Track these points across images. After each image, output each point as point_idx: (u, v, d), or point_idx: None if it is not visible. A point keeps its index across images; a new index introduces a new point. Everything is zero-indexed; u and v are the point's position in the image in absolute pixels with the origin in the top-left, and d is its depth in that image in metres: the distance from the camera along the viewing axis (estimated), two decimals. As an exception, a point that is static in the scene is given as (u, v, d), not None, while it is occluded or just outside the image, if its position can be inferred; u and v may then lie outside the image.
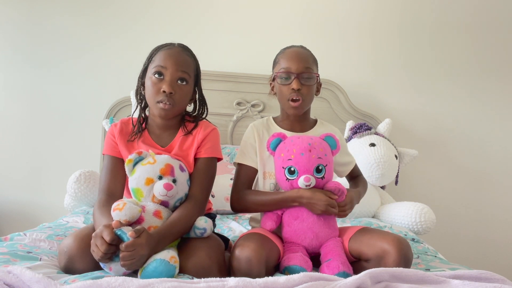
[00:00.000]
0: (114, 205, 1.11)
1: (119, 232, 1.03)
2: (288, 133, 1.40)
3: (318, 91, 1.46)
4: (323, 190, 1.26)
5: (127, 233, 1.02)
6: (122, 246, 1.01)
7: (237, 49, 2.63)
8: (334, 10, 2.67)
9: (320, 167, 1.25)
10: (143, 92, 1.36)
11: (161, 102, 1.26)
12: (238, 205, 1.38)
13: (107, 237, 1.01)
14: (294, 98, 1.35)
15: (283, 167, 1.28)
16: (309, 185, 1.24)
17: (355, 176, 1.54)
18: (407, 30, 2.70)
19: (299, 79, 1.35)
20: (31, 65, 2.57)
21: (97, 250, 1.02)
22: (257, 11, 2.64)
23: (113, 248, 1.02)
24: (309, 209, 1.25)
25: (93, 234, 1.05)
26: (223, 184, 2.02)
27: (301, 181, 1.24)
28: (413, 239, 1.71)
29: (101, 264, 1.06)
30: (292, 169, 1.26)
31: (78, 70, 2.58)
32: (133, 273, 1.09)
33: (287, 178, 1.28)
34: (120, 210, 1.09)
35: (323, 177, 1.26)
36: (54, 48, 2.57)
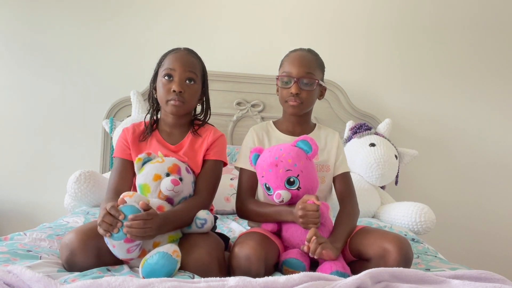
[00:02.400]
0: (124, 193, 1.15)
1: (126, 206, 1.07)
2: (288, 137, 1.41)
3: (321, 95, 1.45)
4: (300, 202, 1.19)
5: (137, 205, 1.08)
6: (142, 215, 1.06)
7: (237, 49, 2.63)
8: (333, 10, 2.67)
9: (291, 179, 1.20)
10: (155, 95, 1.42)
11: (172, 100, 1.32)
12: (241, 213, 1.40)
13: (110, 206, 1.07)
14: (292, 102, 1.36)
15: (261, 184, 1.29)
16: (282, 201, 1.21)
17: (344, 195, 1.39)
18: (407, 29, 2.70)
19: (299, 83, 1.35)
20: (32, 65, 2.56)
21: (99, 219, 1.07)
22: (257, 11, 2.64)
23: (109, 218, 1.06)
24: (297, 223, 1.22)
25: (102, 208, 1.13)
26: (223, 184, 2.00)
27: (275, 199, 1.22)
28: (413, 239, 1.71)
29: (106, 240, 1.08)
30: (267, 185, 1.25)
31: (78, 70, 2.58)
32: (134, 271, 1.09)
33: (268, 194, 1.28)
34: (130, 197, 1.12)
35: (298, 188, 1.21)
36: (55, 49, 2.57)
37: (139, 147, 1.37)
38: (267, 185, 1.25)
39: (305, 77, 1.35)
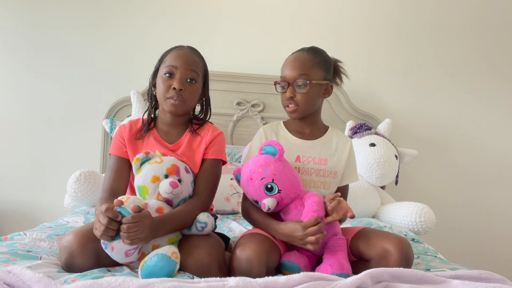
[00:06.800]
0: (118, 198, 1.12)
1: (119, 209, 1.04)
2: (298, 140, 1.39)
3: (327, 93, 1.41)
4: (301, 222, 1.15)
5: (128, 209, 1.04)
6: (127, 218, 1.02)
7: (237, 49, 2.63)
8: (332, 10, 2.67)
9: (269, 186, 1.20)
10: (154, 92, 1.40)
11: (171, 98, 1.30)
12: (244, 215, 1.39)
13: (107, 211, 1.02)
14: (289, 106, 1.35)
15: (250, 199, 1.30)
16: (269, 209, 1.20)
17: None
18: (407, 29, 2.70)
19: (293, 86, 1.33)
20: (32, 65, 2.57)
21: (99, 225, 1.02)
22: (257, 11, 2.64)
23: (114, 225, 1.02)
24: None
25: (96, 212, 1.06)
26: (223, 184, 2.00)
27: (263, 209, 1.22)
28: (413, 239, 1.71)
29: (103, 245, 1.06)
30: (254, 199, 1.26)
31: (78, 70, 2.58)
32: (134, 272, 1.09)
33: (258, 206, 1.28)
34: (125, 203, 1.10)
35: (279, 191, 1.20)
36: (55, 48, 2.57)
37: (136, 145, 1.34)
38: (254, 199, 1.26)
39: (298, 79, 1.33)
